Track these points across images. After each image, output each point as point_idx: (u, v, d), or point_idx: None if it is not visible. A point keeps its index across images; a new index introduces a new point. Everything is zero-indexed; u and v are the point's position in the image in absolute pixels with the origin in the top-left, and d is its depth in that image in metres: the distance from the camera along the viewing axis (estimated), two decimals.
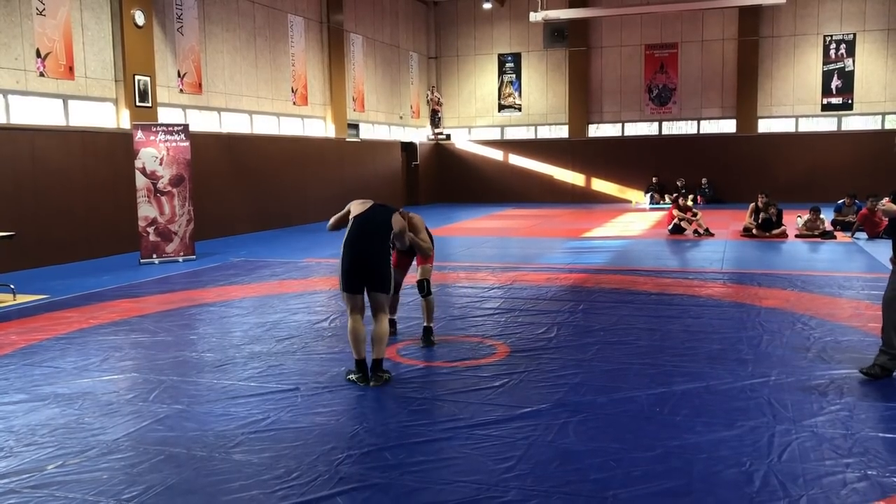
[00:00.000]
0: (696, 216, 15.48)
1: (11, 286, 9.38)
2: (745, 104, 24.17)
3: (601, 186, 25.84)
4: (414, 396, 5.31)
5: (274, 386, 5.54)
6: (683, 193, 20.30)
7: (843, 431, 4.48)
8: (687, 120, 25.20)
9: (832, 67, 23.49)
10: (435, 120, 26.59)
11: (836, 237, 14.45)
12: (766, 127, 24.38)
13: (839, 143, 23.32)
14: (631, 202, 25.11)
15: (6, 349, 6.77)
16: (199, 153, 14.21)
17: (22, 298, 9.16)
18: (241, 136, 17.02)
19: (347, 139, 21.25)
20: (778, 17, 23.72)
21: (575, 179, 26.03)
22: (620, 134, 25.87)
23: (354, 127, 21.90)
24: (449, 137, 27.00)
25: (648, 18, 24.65)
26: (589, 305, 8.38)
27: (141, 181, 12.29)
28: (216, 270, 11.43)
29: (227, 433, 4.62)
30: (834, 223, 15.38)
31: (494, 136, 27.11)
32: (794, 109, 24.06)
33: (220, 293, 9.49)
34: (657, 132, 25.58)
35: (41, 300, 9.10)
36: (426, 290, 6.62)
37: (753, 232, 14.77)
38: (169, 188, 12.49)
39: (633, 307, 8.22)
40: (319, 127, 20.51)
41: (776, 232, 14.65)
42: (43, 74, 12.22)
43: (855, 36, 23.19)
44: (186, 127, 12.72)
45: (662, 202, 23.54)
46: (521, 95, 26.52)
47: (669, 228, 15.54)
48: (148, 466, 4.13)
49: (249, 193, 17.00)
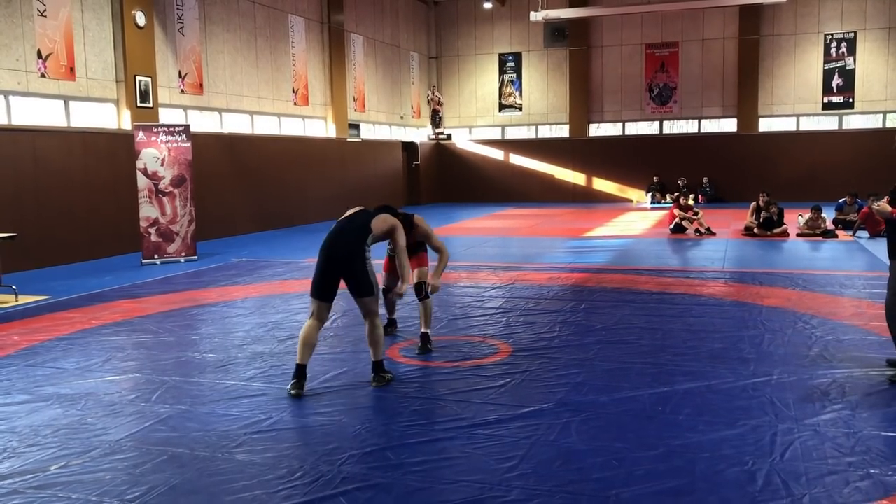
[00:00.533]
0: (697, 215, 15.48)
1: (13, 287, 9.38)
2: (746, 103, 24.16)
3: (602, 186, 25.84)
4: (416, 396, 5.31)
5: (276, 386, 5.54)
6: (685, 192, 20.31)
7: (845, 430, 4.48)
8: (688, 119, 25.19)
9: (833, 66, 23.48)
10: (436, 120, 26.59)
11: (837, 236, 14.44)
12: (767, 126, 24.38)
13: (840, 141, 23.31)
14: (632, 201, 25.11)
15: (8, 350, 6.77)
16: (200, 154, 14.21)
17: (24, 299, 9.16)
18: (242, 136, 17.02)
19: (348, 139, 21.26)
20: (779, 15, 23.71)
21: (576, 179, 26.02)
22: (621, 133, 25.87)
23: (355, 127, 21.91)
24: (450, 137, 27.00)
25: (649, 17, 24.65)
26: (590, 305, 8.38)
27: (142, 182, 12.30)
28: (218, 271, 11.44)
29: (229, 433, 4.62)
30: (835, 222, 15.37)
31: (495, 135, 27.11)
32: (794, 108, 24.05)
33: (221, 293, 9.49)
34: (658, 131, 25.57)
35: (43, 301, 9.11)
36: (424, 292, 6.51)
37: (755, 231, 14.77)
38: (170, 189, 12.49)
39: (634, 306, 8.22)
40: (320, 127, 20.51)
41: (777, 231, 14.64)
42: (44, 75, 12.24)
43: (856, 35, 23.18)
44: (187, 127, 12.73)
45: (664, 201, 23.54)
46: (521, 95, 26.52)
47: (671, 228, 15.55)
48: (151, 467, 4.14)
49: (251, 194, 17.01)
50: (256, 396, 5.33)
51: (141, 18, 13.75)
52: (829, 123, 23.91)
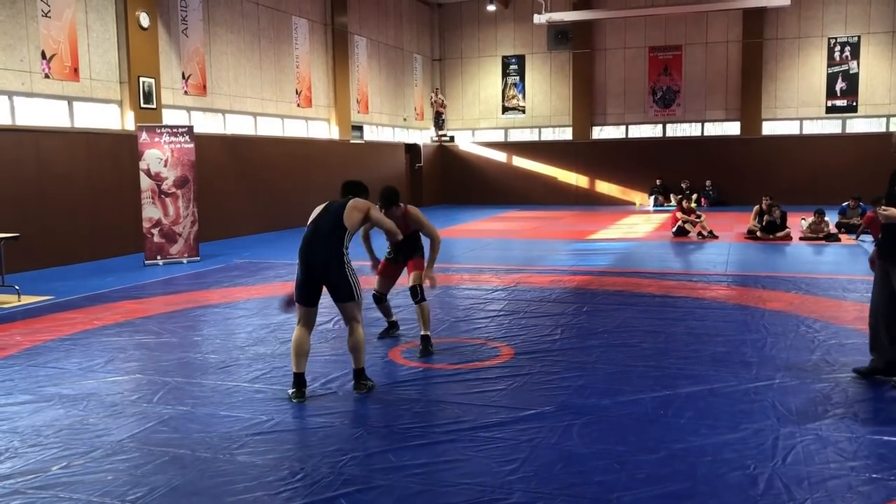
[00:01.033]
0: (699, 218, 15.47)
1: (16, 287, 9.40)
2: (749, 106, 24.15)
3: (605, 188, 25.83)
4: (417, 398, 5.31)
5: (278, 388, 5.54)
6: (687, 195, 20.29)
7: (847, 434, 4.47)
8: (691, 122, 25.18)
9: (837, 70, 23.46)
10: (439, 122, 26.60)
11: (840, 240, 14.42)
12: (770, 129, 24.35)
13: (844, 145, 23.28)
14: (635, 204, 25.10)
15: (11, 350, 6.78)
16: (203, 155, 14.23)
17: (27, 299, 9.18)
18: (245, 137, 17.04)
19: (351, 141, 21.27)
20: (782, 19, 23.70)
21: (578, 181, 26.02)
22: (624, 136, 25.86)
23: (358, 129, 21.92)
24: (453, 139, 27.01)
25: (652, 20, 24.65)
26: (593, 308, 8.37)
27: (145, 183, 12.32)
28: (220, 272, 11.45)
29: (231, 434, 4.62)
30: (838, 226, 15.35)
31: (498, 138, 27.11)
32: (798, 112, 24.03)
33: (224, 295, 9.50)
34: (661, 134, 25.56)
35: (46, 301, 9.12)
36: (419, 295, 6.47)
37: (757, 234, 14.75)
38: (173, 190, 12.51)
39: (636, 309, 8.21)
40: (323, 129, 20.53)
41: (780, 234, 14.62)
42: (48, 76, 12.26)
43: (860, 38, 23.16)
44: (191, 128, 12.75)
45: (666, 204, 23.52)
46: (524, 97, 26.52)
47: (673, 231, 15.53)
48: (152, 468, 4.14)
49: (253, 195, 17.02)
50: (258, 398, 5.33)
51: (145, 20, 13.77)
52: (832, 127, 23.88)
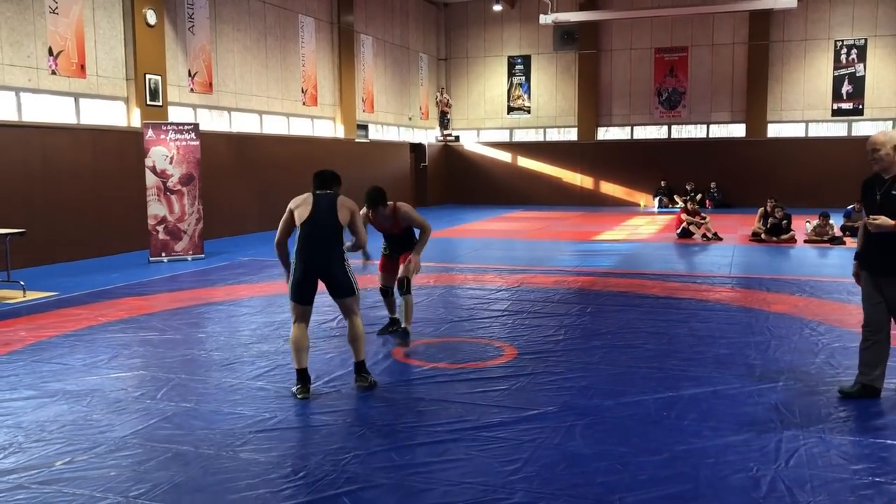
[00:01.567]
0: (704, 220, 15.45)
1: (21, 283, 9.43)
2: (754, 108, 24.11)
3: (610, 189, 25.81)
4: (420, 397, 5.31)
5: (281, 385, 5.55)
6: (692, 197, 20.27)
7: (850, 437, 4.47)
8: (696, 124, 25.14)
9: (843, 72, 23.40)
10: (444, 121, 26.60)
11: (845, 243, 14.38)
12: (775, 132, 24.31)
13: (849, 148, 23.18)
14: (639, 205, 25.07)
15: (15, 345, 6.80)
16: (208, 152, 14.26)
17: (31, 295, 9.20)
18: (250, 135, 17.06)
19: (356, 140, 21.28)
20: (789, 21, 23.65)
21: (583, 182, 26.00)
22: (629, 137, 25.83)
23: (363, 128, 21.93)
24: (458, 139, 27.01)
25: (658, 22, 24.61)
26: (596, 308, 8.37)
27: (151, 180, 12.34)
28: (225, 269, 11.47)
29: (234, 431, 4.63)
30: (843, 229, 15.31)
31: (503, 138, 27.10)
32: (804, 114, 23.97)
33: (228, 292, 9.52)
34: (666, 136, 25.53)
35: (50, 297, 9.15)
36: (405, 288, 6.64)
37: (762, 237, 14.73)
38: (178, 187, 12.53)
39: (640, 311, 8.20)
40: (329, 127, 20.54)
41: (785, 237, 14.60)
42: (55, 72, 12.29)
43: (866, 41, 23.10)
44: (196, 126, 12.77)
45: (671, 206, 23.49)
46: (530, 98, 26.51)
47: (678, 232, 15.51)
48: (155, 464, 4.15)
49: (258, 193, 17.04)
50: (261, 395, 5.34)
51: (151, 17, 13.80)
52: (838, 130, 23.82)
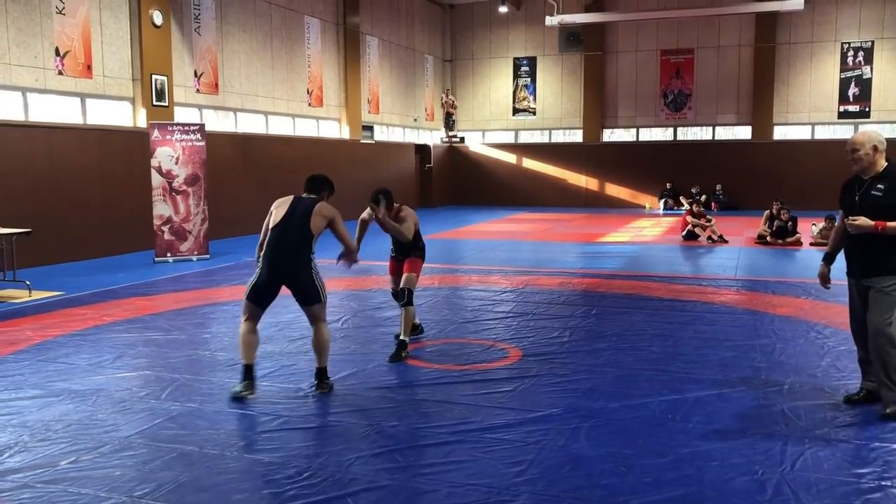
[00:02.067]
0: (710, 223, 15.42)
1: (27, 282, 9.46)
2: (760, 111, 24.06)
3: (615, 191, 25.78)
4: (425, 399, 5.31)
5: (286, 385, 5.55)
6: (697, 199, 20.22)
7: (857, 441, 4.45)
8: (702, 126, 25.11)
9: (849, 75, 23.34)
10: (449, 123, 26.60)
11: None
12: (781, 134, 24.26)
13: None
14: (645, 207, 25.04)
15: (21, 345, 6.82)
16: (214, 153, 14.28)
17: (37, 295, 9.23)
18: (256, 136, 17.09)
19: (362, 141, 21.30)
20: (795, 23, 23.60)
21: (588, 184, 25.98)
22: (635, 139, 25.80)
23: (369, 129, 21.95)
24: (463, 140, 27.01)
25: (664, 23, 24.58)
26: (601, 310, 8.36)
27: (156, 180, 12.37)
28: (230, 270, 11.48)
29: (238, 432, 4.64)
30: None
31: (508, 139, 27.10)
32: (810, 117, 23.92)
33: (233, 292, 9.51)
34: (672, 137, 25.49)
35: (56, 297, 9.17)
36: (405, 299, 6.41)
37: (768, 239, 14.69)
38: (184, 187, 12.55)
39: (645, 313, 8.19)
40: (334, 128, 20.56)
41: (791, 240, 14.56)
42: (62, 73, 12.33)
43: (873, 43, 23.04)
44: (202, 126, 12.79)
45: (676, 208, 23.45)
46: (535, 99, 26.50)
47: (683, 234, 15.49)
48: (160, 464, 4.16)
49: (264, 193, 16.96)
50: (266, 395, 5.34)
51: (158, 17, 13.83)
52: (844, 132, 23.73)
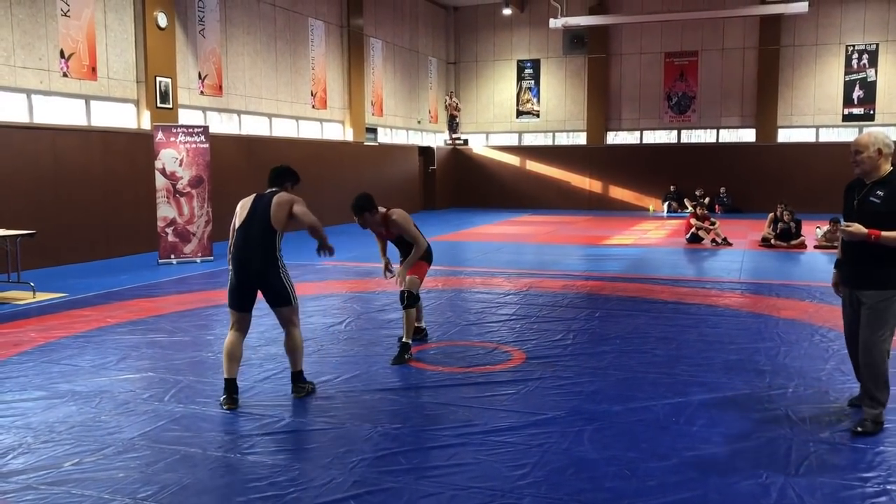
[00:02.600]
0: (713, 225, 15.41)
1: (31, 284, 9.47)
2: (765, 113, 24.02)
3: (618, 194, 25.76)
4: (428, 401, 5.30)
5: (289, 388, 5.54)
6: (700, 202, 20.19)
7: (861, 445, 4.43)
8: (706, 128, 25.08)
9: (854, 77, 23.30)
10: (453, 125, 26.62)
11: None
12: (786, 137, 24.22)
13: None
14: (648, 210, 25.01)
15: (25, 346, 6.83)
16: (218, 155, 14.30)
17: (41, 296, 9.24)
18: (260, 138, 17.11)
19: (365, 143, 21.31)
20: (800, 26, 23.57)
21: (592, 186, 25.96)
22: (639, 141, 25.78)
23: (372, 131, 21.96)
24: (466, 143, 27.02)
25: (668, 26, 24.58)
26: (605, 313, 8.34)
27: (160, 182, 12.39)
28: None
29: (242, 434, 4.63)
30: None
31: (512, 141, 27.10)
32: (814, 119, 23.88)
33: None
34: (676, 140, 25.47)
35: (60, 298, 9.18)
36: (405, 301, 6.37)
37: (772, 242, 14.67)
38: (188, 189, 12.57)
39: (649, 316, 8.18)
40: (338, 130, 20.58)
41: (795, 243, 14.53)
42: (66, 75, 12.35)
43: (878, 46, 22.99)
44: (206, 129, 12.81)
45: (680, 210, 23.42)
46: (539, 102, 26.50)
47: (687, 237, 15.47)
48: (163, 466, 4.15)
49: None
50: (269, 397, 5.34)
51: (162, 20, 13.86)
52: (848, 135, 23.66)
